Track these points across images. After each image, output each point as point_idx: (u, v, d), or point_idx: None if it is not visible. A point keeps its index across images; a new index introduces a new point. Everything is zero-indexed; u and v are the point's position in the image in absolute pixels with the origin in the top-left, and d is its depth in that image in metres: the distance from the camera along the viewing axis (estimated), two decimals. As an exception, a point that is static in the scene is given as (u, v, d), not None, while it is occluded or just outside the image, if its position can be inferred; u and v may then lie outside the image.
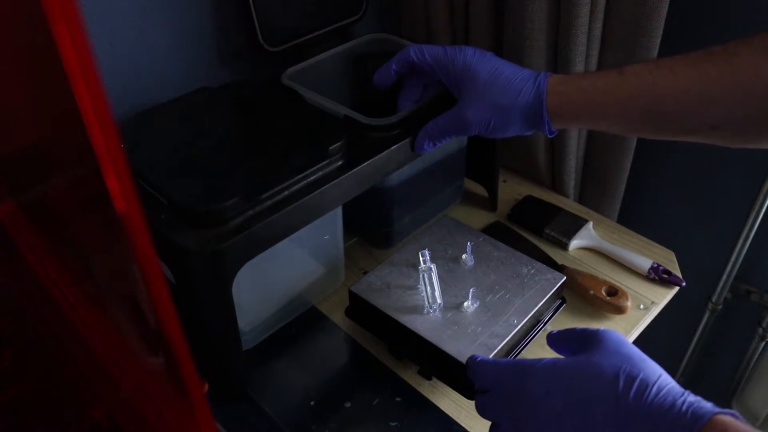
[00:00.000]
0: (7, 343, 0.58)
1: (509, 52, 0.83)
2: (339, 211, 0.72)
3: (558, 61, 0.80)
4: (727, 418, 0.39)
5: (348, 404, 0.66)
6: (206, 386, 0.65)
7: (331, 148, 0.62)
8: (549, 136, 0.65)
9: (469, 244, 0.71)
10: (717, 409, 0.39)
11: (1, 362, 0.56)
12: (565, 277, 0.70)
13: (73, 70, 0.20)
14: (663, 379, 0.42)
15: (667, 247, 0.84)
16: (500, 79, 0.63)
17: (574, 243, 0.83)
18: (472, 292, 0.66)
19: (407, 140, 0.68)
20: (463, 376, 0.61)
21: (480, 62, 0.65)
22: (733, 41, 0.53)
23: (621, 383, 0.41)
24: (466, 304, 0.65)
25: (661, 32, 0.75)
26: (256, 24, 0.74)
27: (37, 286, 0.49)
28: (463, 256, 0.72)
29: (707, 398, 0.41)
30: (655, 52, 0.76)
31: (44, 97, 0.31)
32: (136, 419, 0.43)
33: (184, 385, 0.30)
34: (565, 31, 0.76)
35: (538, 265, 0.71)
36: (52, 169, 0.38)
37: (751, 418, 1.04)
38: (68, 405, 0.56)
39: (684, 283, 0.78)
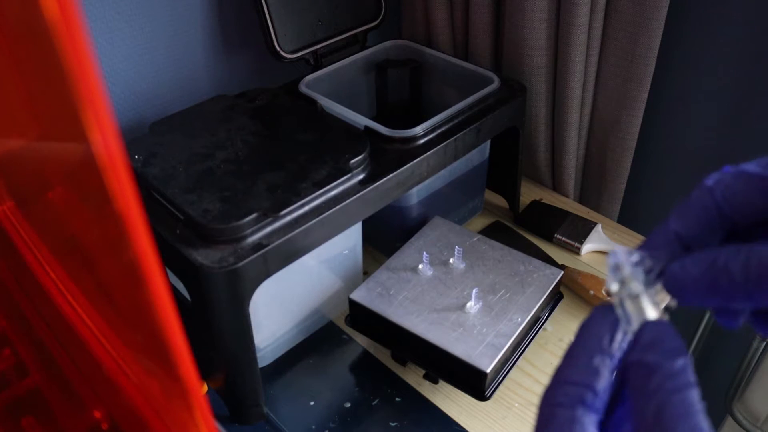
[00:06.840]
0: (7, 342, 0.58)
1: (509, 52, 0.83)
2: (359, 225, 0.70)
3: (558, 61, 0.80)
4: None
5: (348, 404, 0.66)
6: (206, 386, 0.65)
7: (352, 161, 0.60)
8: None
9: (457, 248, 0.71)
10: None
11: (1, 362, 0.56)
12: (562, 272, 0.70)
13: (72, 69, 0.20)
14: None
15: (668, 247, 0.84)
16: None
17: (587, 247, 0.83)
18: (476, 292, 0.66)
19: (431, 152, 0.66)
20: (472, 378, 0.61)
21: None
22: None
23: None
24: (469, 304, 0.65)
25: (661, 32, 0.75)
26: (272, 30, 0.73)
27: (37, 285, 0.49)
28: (451, 260, 0.71)
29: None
30: (655, 52, 0.77)
31: (44, 96, 0.31)
32: (136, 419, 0.43)
33: (184, 385, 0.30)
34: (565, 31, 0.76)
35: (535, 261, 0.71)
36: (52, 169, 0.38)
37: (751, 418, 1.04)
38: (68, 405, 0.56)
39: None
